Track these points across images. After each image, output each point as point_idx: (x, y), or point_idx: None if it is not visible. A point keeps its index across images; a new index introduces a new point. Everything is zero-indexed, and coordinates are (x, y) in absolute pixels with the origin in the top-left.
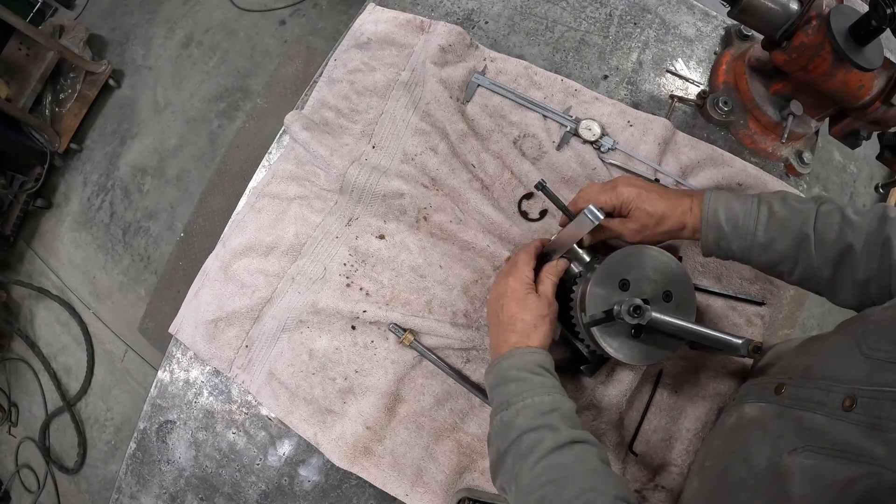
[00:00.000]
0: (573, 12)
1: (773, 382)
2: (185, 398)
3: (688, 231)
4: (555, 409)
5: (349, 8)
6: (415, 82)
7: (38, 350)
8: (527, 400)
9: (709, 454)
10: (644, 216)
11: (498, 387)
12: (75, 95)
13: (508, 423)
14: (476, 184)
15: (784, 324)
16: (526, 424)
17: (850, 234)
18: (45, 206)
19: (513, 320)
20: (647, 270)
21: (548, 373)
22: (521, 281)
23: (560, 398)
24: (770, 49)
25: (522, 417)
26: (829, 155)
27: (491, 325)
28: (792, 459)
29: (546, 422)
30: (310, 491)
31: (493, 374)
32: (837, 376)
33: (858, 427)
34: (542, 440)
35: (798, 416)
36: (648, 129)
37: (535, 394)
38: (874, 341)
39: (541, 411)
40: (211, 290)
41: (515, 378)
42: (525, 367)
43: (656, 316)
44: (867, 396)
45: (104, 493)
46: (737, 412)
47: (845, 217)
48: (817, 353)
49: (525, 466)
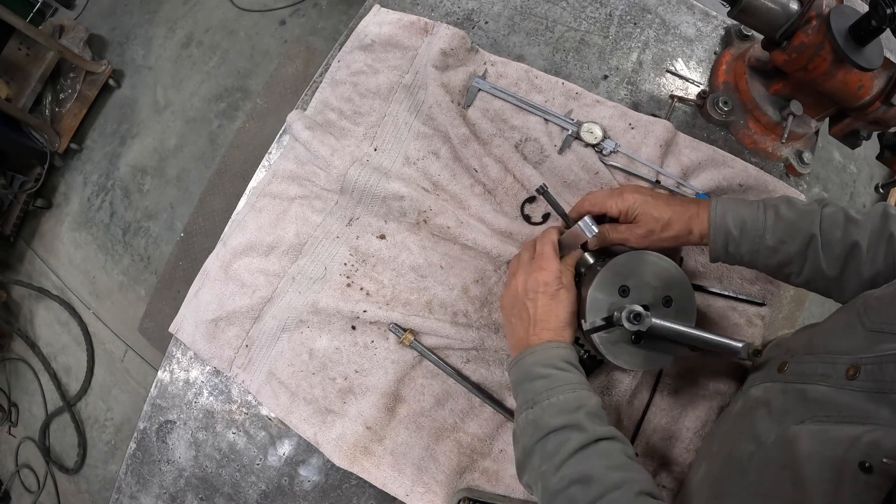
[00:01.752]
0: (573, 12)
1: (776, 362)
2: (185, 398)
3: (694, 237)
4: (580, 406)
5: (349, 8)
6: (417, 85)
7: (38, 350)
8: (552, 398)
9: (715, 440)
10: (651, 221)
11: (523, 384)
12: (75, 95)
13: (534, 421)
14: (478, 188)
15: (784, 324)
16: (552, 423)
17: (856, 233)
18: (45, 206)
19: (547, 317)
20: (647, 276)
21: (573, 367)
22: (554, 275)
23: (585, 394)
24: (770, 49)
25: (548, 416)
26: (829, 155)
27: (515, 319)
28: (799, 429)
29: (571, 421)
30: (310, 491)
31: (518, 370)
32: (840, 349)
33: (863, 393)
34: (568, 440)
35: (802, 390)
36: (650, 131)
37: (561, 391)
38: (876, 315)
39: (566, 409)
40: (211, 289)
41: (540, 375)
42: (550, 362)
43: (656, 322)
44: (870, 363)
45: (104, 493)
46: (742, 397)
47: (849, 217)
48: (818, 332)
49: (552, 466)
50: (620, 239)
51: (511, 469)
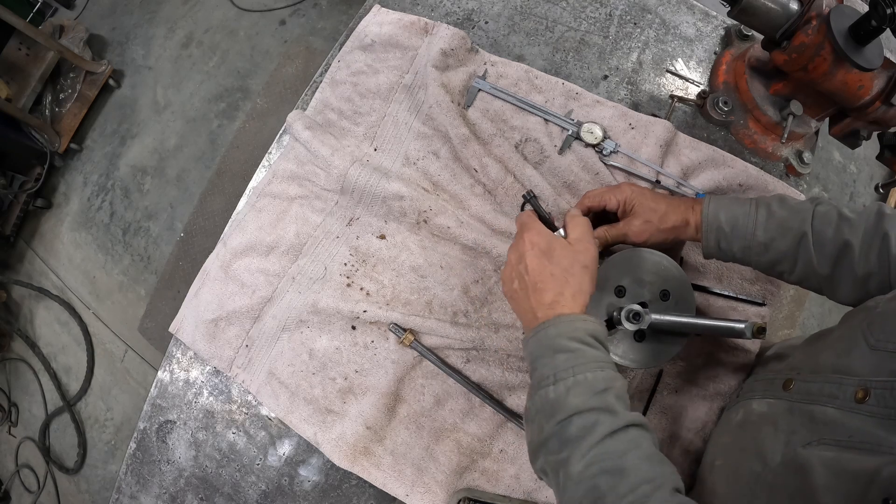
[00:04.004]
0: (573, 12)
1: (781, 378)
2: (185, 398)
3: (691, 228)
4: (609, 387)
5: (349, 8)
6: (417, 86)
7: (38, 350)
8: (578, 376)
9: (718, 453)
10: (647, 211)
11: (542, 357)
12: (75, 95)
13: (556, 401)
14: (478, 189)
15: (784, 324)
16: (578, 404)
17: (848, 231)
18: (45, 206)
19: (541, 277)
20: (642, 273)
21: (601, 344)
22: (538, 232)
23: (613, 374)
24: (770, 49)
25: (574, 396)
26: (829, 155)
27: (513, 297)
28: (809, 452)
29: (601, 403)
30: (310, 491)
31: (535, 343)
32: (846, 369)
33: (874, 418)
34: (596, 424)
35: (809, 411)
36: (650, 131)
37: (588, 369)
38: (880, 332)
39: (595, 390)
40: (211, 289)
41: (565, 348)
42: (576, 336)
43: (656, 318)
44: (880, 388)
45: (104, 493)
46: (743, 409)
47: (842, 215)
48: (823, 348)
49: (577, 453)
50: (618, 235)
51: (511, 469)
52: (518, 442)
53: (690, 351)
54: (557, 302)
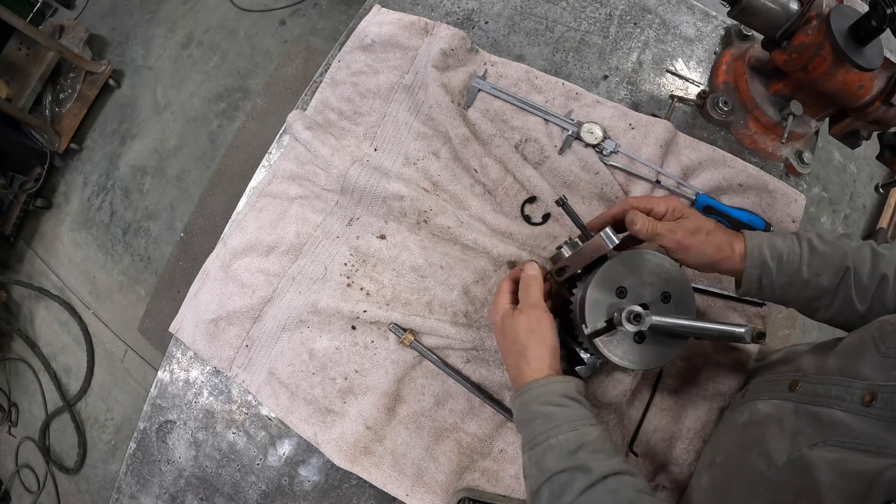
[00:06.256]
0: (573, 12)
1: (787, 380)
2: (185, 398)
3: (736, 257)
4: (581, 445)
5: (349, 8)
6: (417, 86)
7: (38, 350)
8: (552, 440)
9: (718, 451)
10: (698, 220)
11: (522, 424)
12: (75, 95)
13: (538, 462)
14: (478, 189)
15: (784, 324)
16: (554, 466)
17: (883, 265)
18: (45, 206)
19: (505, 351)
20: (643, 274)
21: (573, 402)
22: (496, 308)
23: (586, 430)
24: (770, 49)
25: (549, 459)
26: (829, 155)
27: (506, 358)
28: (814, 453)
29: (574, 462)
30: (310, 491)
31: (516, 409)
32: (854, 373)
33: (880, 422)
34: (572, 481)
35: (816, 412)
36: (650, 131)
37: (560, 431)
38: (892, 341)
39: (567, 451)
40: (211, 289)
41: (539, 414)
42: (547, 400)
43: (657, 319)
44: (887, 392)
45: (104, 493)
46: (749, 409)
47: (875, 251)
48: (832, 353)
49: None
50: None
51: (511, 469)
52: (518, 442)
53: (690, 351)
54: (523, 372)
